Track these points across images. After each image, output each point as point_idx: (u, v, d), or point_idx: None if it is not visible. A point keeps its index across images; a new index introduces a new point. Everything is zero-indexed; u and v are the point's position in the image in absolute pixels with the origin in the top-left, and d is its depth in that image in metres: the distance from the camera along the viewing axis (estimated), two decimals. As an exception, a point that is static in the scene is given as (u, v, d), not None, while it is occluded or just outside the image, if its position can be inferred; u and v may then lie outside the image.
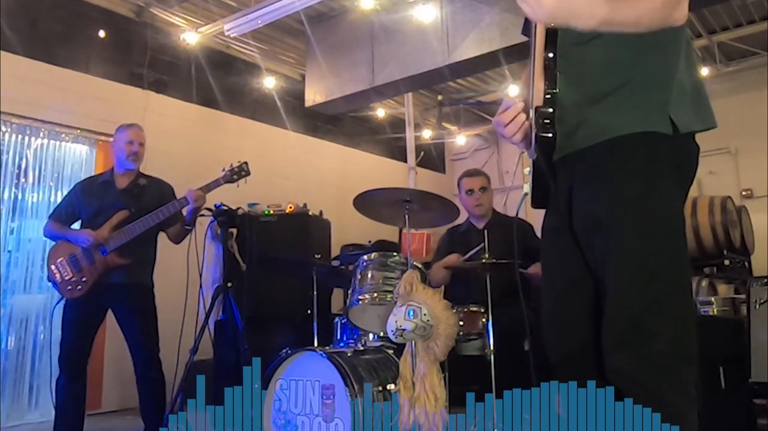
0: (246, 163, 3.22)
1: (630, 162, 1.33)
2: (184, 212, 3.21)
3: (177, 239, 3.33)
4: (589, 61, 1.36)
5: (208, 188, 3.18)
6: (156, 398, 3.14)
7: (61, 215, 3.29)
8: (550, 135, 1.29)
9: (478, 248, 3.00)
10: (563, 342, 1.45)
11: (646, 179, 1.32)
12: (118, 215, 3.12)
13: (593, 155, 1.38)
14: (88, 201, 3.24)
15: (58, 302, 3.20)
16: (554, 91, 1.30)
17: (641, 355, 1.26)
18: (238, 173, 3.20)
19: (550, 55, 1.30)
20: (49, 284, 3.23)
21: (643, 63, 1.36)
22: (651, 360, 1.26)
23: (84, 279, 3.07)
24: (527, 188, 1.44)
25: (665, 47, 1.37)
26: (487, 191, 3.48)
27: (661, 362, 1.26)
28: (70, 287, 3.09)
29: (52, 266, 3.15)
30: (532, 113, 1.35)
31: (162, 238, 3.35)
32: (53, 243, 3.26)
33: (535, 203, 1.46)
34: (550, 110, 1.30)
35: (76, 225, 3.28)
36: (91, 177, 3.51)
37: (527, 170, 1.43)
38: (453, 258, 3.22)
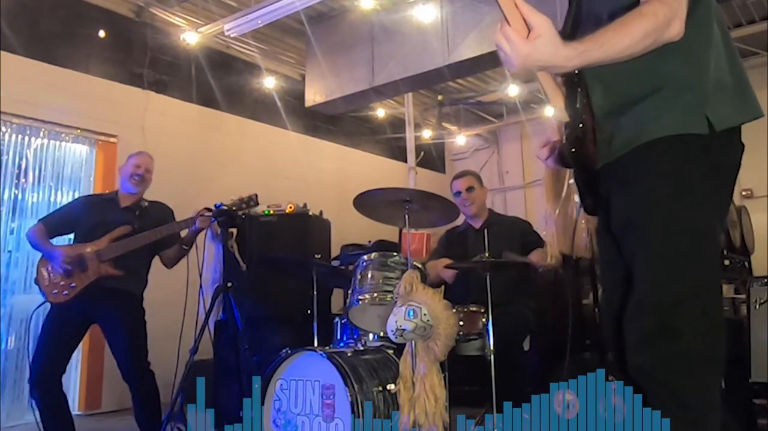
0: (256, 195, 3.27)
1: (660, 165, 1.34)
2: (183, 233, 3.25)
3: (171, 263, 3.35)
4: (618, 71, 1.35)
5: (217, 212, 3.19)
6: (150, 408, 3.12)
7: (55, 222, 3.27)
8: (573, 150, 1.35)
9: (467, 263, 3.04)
10: (615, 340, 1.48)
11: (675, 180, 1.32)
12: (120, 230, 3.14)
13: (627, 161, 1.40)
14: (88, 215, 3.24)
15: (39, 306, 3.15)
16: (576, 106, 1.34)
17: (662, 354, 1.26)
18: (247, 202, 3.25)
19: (575, 71, 1.32)
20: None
21: (669, 67, 1.35)
22: (672, 360, 1.25)
23: (72, 285, 3.04)
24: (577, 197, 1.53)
25: (692, 48, 1.34)
26: (474, 190, 3.46)
27: (682, 362, 1.25)
28: (56, 290, 3.05)
29: (42, 269, 3.12)
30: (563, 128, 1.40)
31: (155, 262, 3.37)
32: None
33: (587, 211, 1.54)
34: (574, 125, 1.34)
35: (58, 240, 3.27)
36: (95, 195, 3.53)
37: (572, 180, 1.50)
38: (441, 263, 3.22)
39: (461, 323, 2.63)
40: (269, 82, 6.32)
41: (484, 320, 2.71)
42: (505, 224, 3.44)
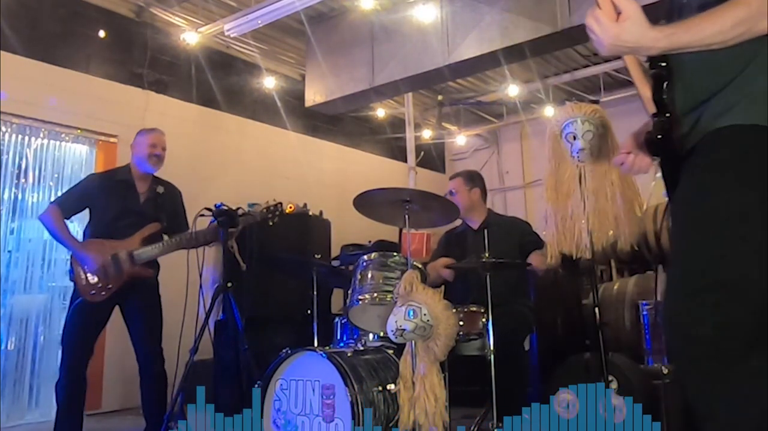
0: (281, 203, 3.33)
1: (722, 151, 1.34)
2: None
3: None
4: (697, 62, 1.36)
5: (245, 220, 3.26)
6: (159, 394, 3.16)
7: (70, 203, 3.24)
8: (660, 137, 1.39)
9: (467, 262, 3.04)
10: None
11: (725, 170, 1.31)
12: (151, 228, 3.19)
13: (694, 151, 1.40)
14: (108, 200, 3.24)
15: (76, 303, 3.13)
16: (662, 97, 1.37)
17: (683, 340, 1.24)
18: (273, 212, 3.31)
19: (662, 64, 1.35)
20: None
21: (746, 58, 1.35)
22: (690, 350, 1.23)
23: (109, 286, 3.09)
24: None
25: None
26: (456, 193, 3.45)
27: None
28: (94, 291, 3.08)
29: (78, 268, 3.11)
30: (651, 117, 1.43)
31: None
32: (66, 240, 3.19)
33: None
34: (661, 115, 1.38)
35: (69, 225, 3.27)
36: (106, 172, 3.48)
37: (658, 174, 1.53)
38: (441, 262, 3.22)
39: (461, 323, 2.62)
40: (269, 82, 6.32)
41: (484, 320, 2.71)
42: (503, 224, 3.43)
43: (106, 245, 3.12)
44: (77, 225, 3.71)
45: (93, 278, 3.08)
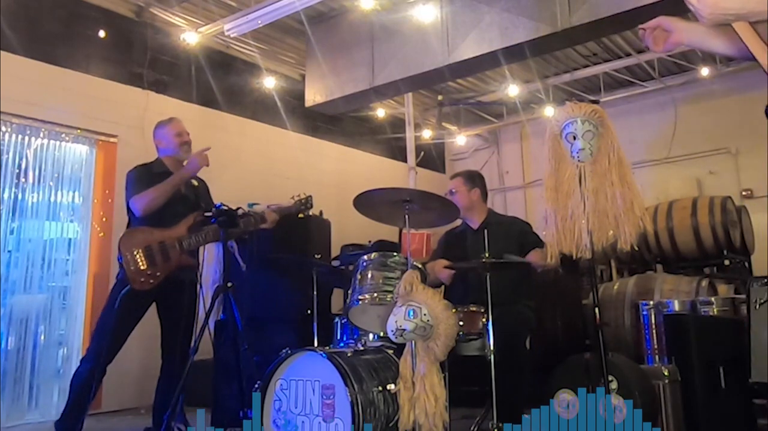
0: (311, 196, 3.42)
1: None
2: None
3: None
4: None
5: (281, 212, 3.33)
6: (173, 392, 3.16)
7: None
8: None
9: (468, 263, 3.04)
10: None
11: None
12: (195, 216, 3.19)
13: None
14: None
15: (124, 292, 3.09)
16: None
17: None
18: (305, 203, 3.39)
19: None
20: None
21: None
22: None
23: (158, 274, 3.08)
24: None
25: None
26: (456, 193, 3.45)
27: None
28: (143, 278, 3.06)
29: (127, 254, 3.10)
30: None
31: None
32: (127, 230, 3.21)
33: None
34: None
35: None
36: (144, 166, 3.43)
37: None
38: (440, 264, 3.22)
39: (461, 323, 2.62)
40: (269, 82, 6.32)
41: (484, 320, 2.70)
42: (503, 224, 3.43)
43: (154, 233, 3.13)
44: (77, 225, 3.70)
45: (142, 265, 3.06)
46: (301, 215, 3.40)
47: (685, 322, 3.23)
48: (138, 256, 3.09)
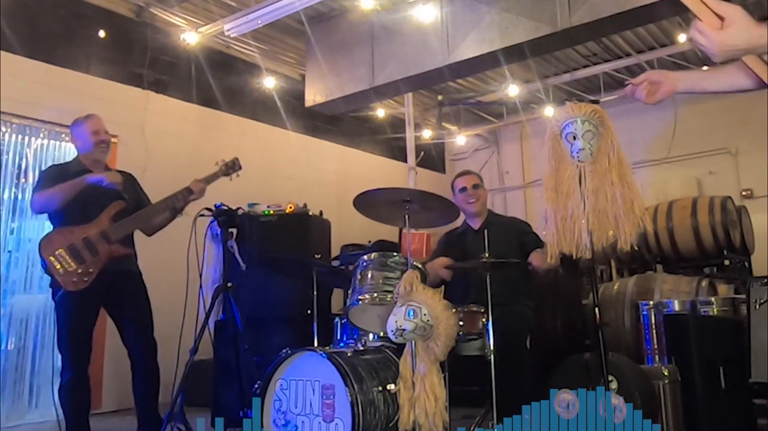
0: (237, 158, 3.40)
1: None
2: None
3: (153, 232, 3.30)
4: None
5: (207, 180, 3.27)
6: (154, 392, 3.14)
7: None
8: None
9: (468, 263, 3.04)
10: None
11: None
12: (115, 206, 3.09)
13: None
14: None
15: (59, 295, 3.03)
16: None
17: None
18: (232, 167, 3.37)
19: None
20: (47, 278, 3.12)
21: None
22: None
23: (90, 270, 2.98)
24: None
25: None
26: (480, 188, 3.47)
27: None
28: (75, 278, 2.96)
29: (51, 258, 2.97)
30: None
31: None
32: (44, 235, 3.09)
33: None
34: None
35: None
36: (61, 165, 3.34)
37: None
38: (439, 262, 3.22)
39: (461, 323, 2.62)
40: (269, 82, 6.32)
41: (484, 320, 2.71)
42: (503, 224, 3.43)
43: (75, 232, 3.01)
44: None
45: (69, 266, 2.95)
46: (229, 179, 3.36)
47: (685, 322, 3.23)
48: (63, 257, 2.98)
